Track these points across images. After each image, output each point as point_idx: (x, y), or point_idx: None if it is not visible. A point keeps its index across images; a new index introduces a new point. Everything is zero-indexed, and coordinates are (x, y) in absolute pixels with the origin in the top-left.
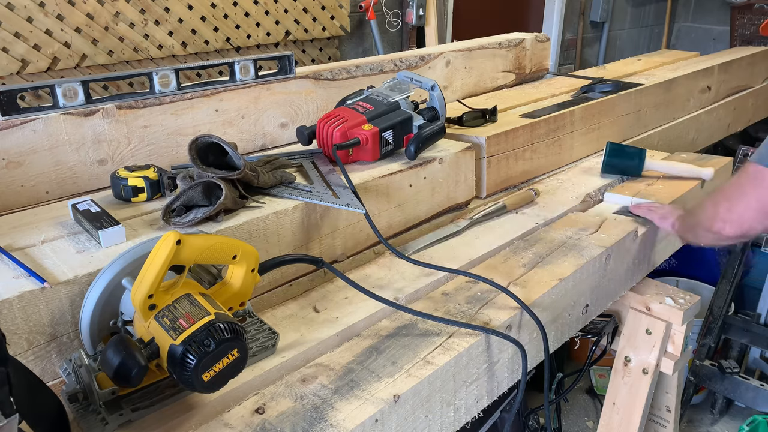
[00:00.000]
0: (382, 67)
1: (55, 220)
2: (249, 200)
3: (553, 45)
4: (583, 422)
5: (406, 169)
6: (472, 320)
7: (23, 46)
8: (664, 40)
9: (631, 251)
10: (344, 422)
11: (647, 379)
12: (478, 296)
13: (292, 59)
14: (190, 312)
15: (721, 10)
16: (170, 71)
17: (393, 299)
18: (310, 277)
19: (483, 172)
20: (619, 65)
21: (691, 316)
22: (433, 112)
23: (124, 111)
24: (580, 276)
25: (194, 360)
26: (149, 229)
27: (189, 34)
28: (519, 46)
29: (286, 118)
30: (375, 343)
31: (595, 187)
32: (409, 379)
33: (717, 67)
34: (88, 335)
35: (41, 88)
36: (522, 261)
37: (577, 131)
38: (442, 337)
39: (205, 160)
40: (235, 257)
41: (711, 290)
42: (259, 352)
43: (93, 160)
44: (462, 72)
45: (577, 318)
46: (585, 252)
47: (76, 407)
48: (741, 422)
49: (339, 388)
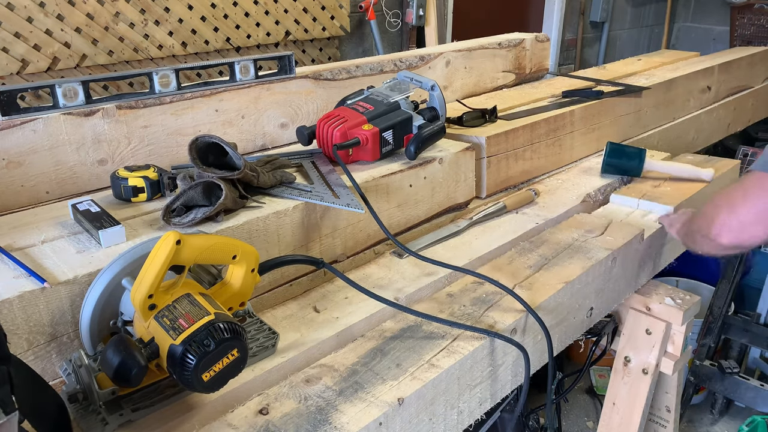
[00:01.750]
0: (382, 67)
1: (55, 220)
2: (249, 200)
3: (553, 45)
4: (583, 422)
5: (406, 169)
6: (477, 323)
7: (23, 46)
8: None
9: (637, 254)
10: (348, 425)
11: (647, 379)
12: (484, 298)
13: (292, 59)
14: (189, 312)
15: (721, 10)
16: (170, 71)
17: (393, 299)
18: (310, 277)
19: (483, 172)
20: (619, 65)
21: (691, 316)
22: (433, 112)
23: (124, 111)
24: (586, 279)
25: (194, 360)
26: (149, 229)
27: (189, 34)
28: (519, 46)
29: (286, 118)
30: (379, 345)
31: (595, 187)
32: (413, 382)
33: (717, 67)
34: (88, 335)
35: (41, 88)
36: (528, 262)
37: (577, 131)
38: (447, 340)
39: (205, 160)
40: (235, 257)
41: (711, 290)
42: (259, 352)
43: (93, 160)
44: (462, 72)
45: (582, 321)
46: (591, 254)
47: (76, 407)
48: (741, 422)
49: (343, 390)
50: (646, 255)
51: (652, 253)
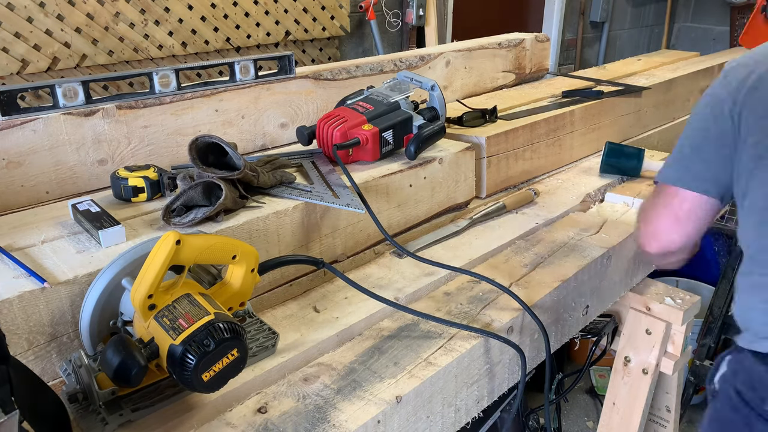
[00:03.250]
0: (382, 67)
1: (55, 220)
2: (249, 200)
3: (553, 45)
4: (583, 422)
5: (406, 169)
6: (474, 321)
7: (23, 46)
8: (664, 40)
9: (632, 252)
10: (347, 423)
11: (647, 379)
12: (480, 297)
13: (292, 59)
14: (189, 312)
15: (721, 10)
16: (170, 71)
17: (393, 299)
18: (310, 277)
19: (483, 172)
20: (619, 65)
21: (691, 316)
22: (433, 112)
23: (124, 111)
24: (582, 277)
25: (194, 360)
26: (149, 229)
27: (189, 34)
28: (519, 46)
29: (286, 118)
30: (377, 343)
31: (595, 187)
32: (411, 380)
33: (717, 67)
34: (88, 335)
35: (41, 88)
36: (524, 261)
37: (577, 131)
38: (444, 338)
39: (205, 160)
40: (235, 257)
41: (711, 290)
42: (259, 352)
43: (93, 160)
44: (462, 72)
45: (578, 319)
46: (587, 253)
47: (76, 407)
48: None
49: (341, 389)
50: (641, 253)
51: None
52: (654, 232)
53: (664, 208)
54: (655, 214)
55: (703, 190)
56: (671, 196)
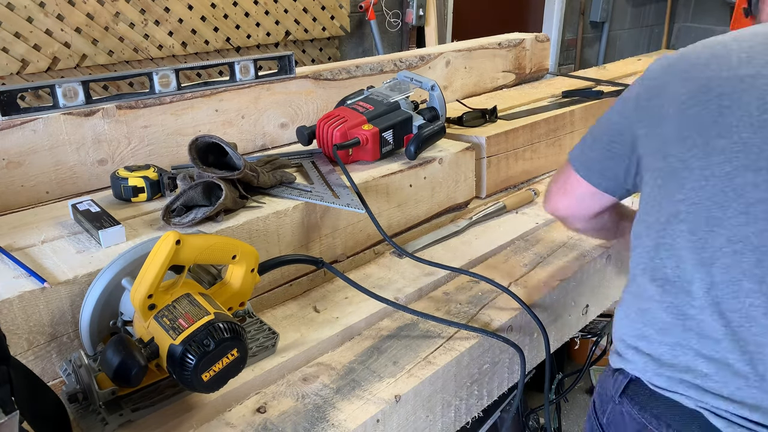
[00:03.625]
0: (382, 67)
1: (55, 220)
2: (249, 200)
3: (553, 45)
4: (583, 422)
5: (406, 169)
6: (473, 321)
7: (23, 46)
8: (664, 40)
9: None
10: (346, 422)
11: None
12: (479, 296)
13: (292, 59)
14: (189, 312)
15: (721, 10)
16: (170, 71)
17: (393, 299)
18: (310, 277)
19: (483, 172)
20: (619, 65)
21: None
22: (433, 112)
23: (124, 111)
24: (581, 276)
25: (194, 360)
26: (149, 229)
27: (189, 34)
28: (519, 46)
29: (286, 118)
30: (376, 343)
31: None
32: (410, 379)
33: None
34: (88, 335)
35: (41, 88)
36: (523, 261)
37: (577, 131)
38: (444, 338)
39: (205, 160)
40: (235, 257)
41: None
42: (259, 352)
43: (93, 160)
44: (462, 72)
45: (578, 318)
46: (586, 252)
47: (76, 407)
48: None
49: (340, 388)
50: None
51: None
52: (551, 192)
53: (560, 175)
54: (556, 177)
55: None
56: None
